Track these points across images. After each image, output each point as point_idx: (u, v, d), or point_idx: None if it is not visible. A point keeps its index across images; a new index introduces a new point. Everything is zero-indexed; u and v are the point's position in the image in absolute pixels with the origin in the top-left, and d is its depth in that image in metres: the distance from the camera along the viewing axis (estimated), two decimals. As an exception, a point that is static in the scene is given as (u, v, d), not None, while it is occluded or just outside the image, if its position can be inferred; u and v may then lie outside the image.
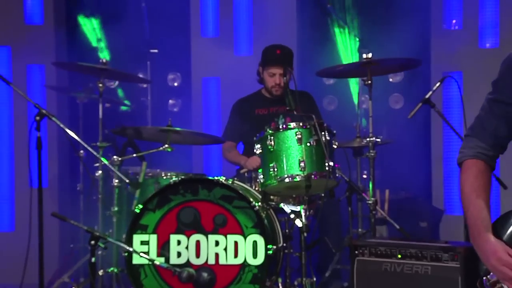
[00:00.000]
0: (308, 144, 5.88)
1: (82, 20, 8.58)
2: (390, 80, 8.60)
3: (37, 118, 6.03)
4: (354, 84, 7.87)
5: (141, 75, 8.49)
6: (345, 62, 8.26)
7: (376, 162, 6.75)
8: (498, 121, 3.46)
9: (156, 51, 8.44)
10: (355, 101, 7.60)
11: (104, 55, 8.59)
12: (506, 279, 3.27)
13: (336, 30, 8.21)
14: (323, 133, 5.94)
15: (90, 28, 8.58)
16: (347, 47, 8.18)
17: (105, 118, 6.95)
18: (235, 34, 8.24)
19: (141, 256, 5.70)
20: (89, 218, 7.08)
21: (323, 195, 6.15)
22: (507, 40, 7.80)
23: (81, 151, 7.28)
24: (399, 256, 4.92)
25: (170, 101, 8.63)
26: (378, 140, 6.46)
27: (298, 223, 5.98)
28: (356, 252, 5.19)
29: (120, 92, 8.50)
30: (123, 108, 8.44)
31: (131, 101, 8.43)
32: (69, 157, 8.37)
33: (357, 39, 7.90)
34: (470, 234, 3.42)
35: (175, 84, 8.59)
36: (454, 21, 8.17)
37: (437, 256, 4.78)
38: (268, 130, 6.10)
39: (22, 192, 7.13)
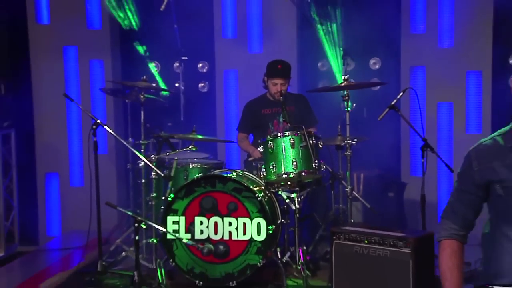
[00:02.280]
0: (300, 148, 6.16)
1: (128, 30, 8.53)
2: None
3: (94, 126, 6.37)
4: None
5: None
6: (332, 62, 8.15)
7: (355, 150, 6.78)
8: (466, 207, 3.48)
9: (186, 58, 8.33)
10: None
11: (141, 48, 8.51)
12: None
13: (324, 41, 8.05)
14: (310, 139, 6.21)
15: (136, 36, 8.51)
16: (335, 57, 8.06)
17: (147, 108, 6.98)
18: (248, 36, 8.18)
19: (172, 235, 6.02)
20: (137, 198, 7.27)
21: (312, 185, 6.51)
22: (460, 41, 7.76)
23: (130, 139, 7.32)
24: (366, 241, 5.14)
25: (200, 84, 8.60)
26: (354, 142, 6.49)
27: (292, 206, 6.23)
28: (334, 237, 5.39)
29: (160, 80, 8.46)
30: (164, 92, 8.37)
31: (168, 86, 8.40)
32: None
33: (341, 48, 7.81)
34: None
35: (204, 70, 8.55)
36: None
37: (394, 243, 5.00)
38: (268, 136, 6.35)
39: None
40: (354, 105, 7.64)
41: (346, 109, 6.60)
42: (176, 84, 8.51)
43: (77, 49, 8.54)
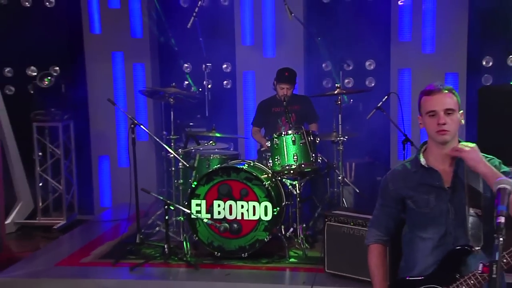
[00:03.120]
0: (300, 144, 6.22)
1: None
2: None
3: (132, 126, 6.48)
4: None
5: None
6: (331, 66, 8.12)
7: (350, 141, 6.84)
8: (387, 218, 3.59)
9: (210, 64, 8.27)
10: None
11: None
12: None
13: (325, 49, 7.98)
14: (309, 137, 6.27)
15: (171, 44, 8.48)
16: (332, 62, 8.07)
17: (177, 106, 6.99)
18: (263, 43, 8.14)
19: (195, 215, 6.15)
20: (169, 182, 7.21)
21: (311, 173, 6.49)
22: (440, 48, 7.72)
23: (164, 132, 7.44)
24: (352, 223, 5.37)
25: (225, 82, 8.57)
26: (345, 139, 6.52)
27: (294, 191, 6.35)
28: (326, 219, 5.58)
29: (190, 80, 8.41)
30: (193, 89, 8.28)
31: (198, 84, 8.32)
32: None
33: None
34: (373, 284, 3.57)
35: (228, 70, 8.52)
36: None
37: None
38: (274, 134, 6.38)
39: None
40: (352, 100, 7.83)
41: (339, 112, 6.53)
42: (204, 82, 8.42)
43: (123, 54, 8.55)
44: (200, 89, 8.24)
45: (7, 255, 7.18)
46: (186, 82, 8.51)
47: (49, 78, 8.42)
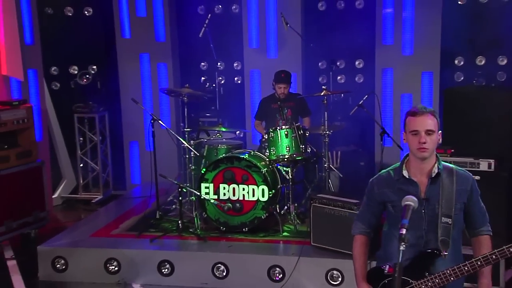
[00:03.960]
0: (292, 137, 6.19)
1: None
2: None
3: (152, 121, 6.50)
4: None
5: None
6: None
7: (336, 131, 6.83)
8: (370, 215, 3.52)
9: (222, 63, 8.41)
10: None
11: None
12: None
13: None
14: (299, 131, 6.23)
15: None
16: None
17: (192, 102, 7.01)
18: (267, 46, 8.05)
19: (204, 196, 6.17)
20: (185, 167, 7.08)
21: (302, 161, 6.42)
22: (417, 50, 7.61)
23: (182, 124, 7.23)
24: (333, 205, 5.45)
25: (235, 78, 8.55)
26: (329, 133, 6.40)
27: (287, 176, 6.29)
28: (312, 201, 5.67)
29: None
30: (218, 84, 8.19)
31: (211, 81, 8.31)
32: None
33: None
34: (355, 277, 3.50)
35: (238, 68, 8.48)
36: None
37: (350, 207, 5.30)
38: (270, 129, 6.32)
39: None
40: (342, 95, 7.83)
41: (325, 110, 6.48)
42: (219, 78, 8.38)
43: (149, 55, 8.53)
44: (214, 85, 8.21)
45: (54, 225, 7.36)
46: (203, 78, 8.50)
47: (87, 76, 8.53)
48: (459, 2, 7.60)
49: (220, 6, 8.49)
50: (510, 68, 7.58)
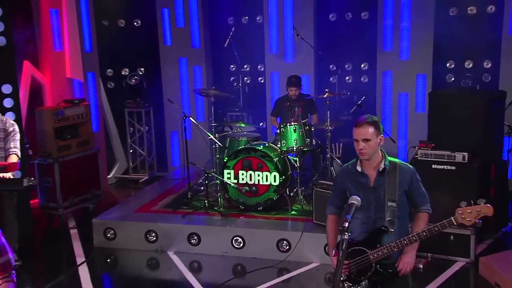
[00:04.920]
0: (299, 132, 6.25)
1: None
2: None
3: (184, 117, 6.60)
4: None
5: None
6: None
7: (338, 127, 6.64)
8: (338, 200, 3.60)
9: (246, 67, 8.46)
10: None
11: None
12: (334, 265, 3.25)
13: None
14: (305, 127, 6.29)
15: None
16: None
17: (218, 101, 7.11)
18: (285, 52, 8.04)
19: (226, 181, 6.24)
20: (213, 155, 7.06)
21: (308, 152, 6.51)
22: (413, 56, 7.60)
23: (210, 119, 7.14)
24: (331, 190, 5.09)
25: (259, 78, 8.58)
26: (331, 128, 6.36)
27: (296, 164, 6.33)
28: (314, 186, 5.77)
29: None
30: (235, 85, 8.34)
31: (238, 81, 8.39)
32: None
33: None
34: (328, 247, 3.64)
35: (262, 69, 8.48)
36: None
37: None
38: (280, 125, 6.35)
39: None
40: (348, 93, 7.70)
41: (327, 109, 6.48)
42: (245, 78, 8.54)
43: (186, 60, 8.54)
44: (240, 84, 8.29)
45: (108, 200, 7.61)
46: (232, 78, 8.53)
47: (136, 77, 8.65)
48: (450, 14, 7.55)
49: (247, 17, 8.53)
50: (494, 70, 7.49)
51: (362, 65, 8.19)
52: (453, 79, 7.77)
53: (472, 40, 7.47)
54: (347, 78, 8.26)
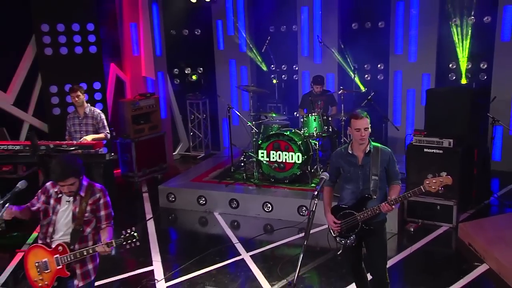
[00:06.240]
0: (319, 121, 6.33)
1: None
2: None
3: (228, 109, 6.79)
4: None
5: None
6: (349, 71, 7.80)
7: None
8: (333, 175, 3.69)
9: (284, 67, 8.40)
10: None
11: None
12: (331, 226, 3.65)
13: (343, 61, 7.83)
14: (323, 117, 6.34)
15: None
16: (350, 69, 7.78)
17: (257, 95, 7.31)
18: (314, 54, 8.06)
19: (260, 159, 6.35)
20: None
21: (326, 137, 6.49)
22: (420, 58, 7.58)
23: (251, 109, 7.08)
24: None
25: (294, 76, 8.49)
26: (344, 118, 6.44)
27: (316, 147, 6.45)
28: (327, 163, 5.80)
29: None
30: (274, 81, 8.35)
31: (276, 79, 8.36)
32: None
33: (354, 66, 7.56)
34: (324, 211, 3.67)
35: (296, 69, 8.44)
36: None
37: None
38: (304, 115, 6.38)
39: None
40: (366, 89, 7.62)
41: (341, 103, 6.52)
42: (283, 76, 8.53)
43: (235, 61, 8.63)
44: (278, 80, 8.37)
45: (173, 172, 7.85)
46: (272, 76, 8.50)
47: (195, 75, 8.87)
48: (451, 23, 7.47)
49: (284, 26, 8.54)
50: (488, 70, 7.40)
51: (379, 65, 8.13)
52: (454, 77, 7.71)
53: (471, 44, 7.39)
54: (366, 76, 8.22)
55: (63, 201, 3.28)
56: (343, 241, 3.64)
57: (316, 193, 3.21)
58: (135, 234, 3.17)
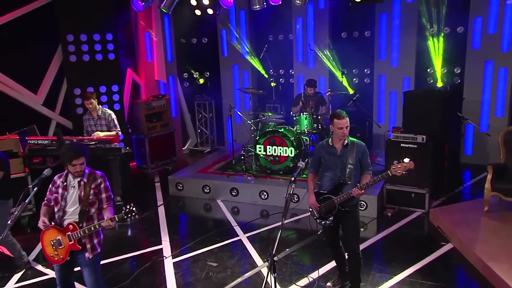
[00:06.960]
0: (309, 120, 6.34)
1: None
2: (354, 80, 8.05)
3: (230, 108, 6.86)
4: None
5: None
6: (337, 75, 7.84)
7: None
8: (316, 164, 3.82)
9: (281, 71, 8.37)
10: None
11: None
12: (312, 207, 3.74)
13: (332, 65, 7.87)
14: (313, 116, 6.36)
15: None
16: (339, 72, 7.86)
17: (255, 96, 7.26)
18: (308, 60, 8.09)
19: (258, 152, 6.35)
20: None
21: (316, 133, 6.42)
22: (401, 63, 7.60)
23: (250, 109, 7.35)
24: None
25: (290, 79, 8.53)
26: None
27: (307, 142, 6.40)
28: None
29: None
30: (272, 84, 8.09)
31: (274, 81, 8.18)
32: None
33: (342, 71, 7.71)
34: (308, 194, 3.75)
35: (292, 73, 8.43)
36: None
37: None
38: (296, 114, 6.38)
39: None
40: (354, 91, 7.70)
41: (329, 103, 6.57)
42: (281, 79, 8.50)
43: (238, 66, 8.43)
44: (275, 84, 8.26)
45: (182, 164, 7.90)
46: (271, 79, 8.34)
47: (202, 78, 8.89)
48: (428, 33, 7.53)
49: (282, 35, 8.55)
50: (461, 74, 7.46)
51: (365, 70, 8.13)
52: (431, 81, 7.78)
53: (446, 52, 7.47)
54: (354, 79, 8.26)
55: (69, 187, 3.43)
56: (323, 222, 3.77)
57: (293, 179, 3.36)
58: (134, 209, 3.27)
